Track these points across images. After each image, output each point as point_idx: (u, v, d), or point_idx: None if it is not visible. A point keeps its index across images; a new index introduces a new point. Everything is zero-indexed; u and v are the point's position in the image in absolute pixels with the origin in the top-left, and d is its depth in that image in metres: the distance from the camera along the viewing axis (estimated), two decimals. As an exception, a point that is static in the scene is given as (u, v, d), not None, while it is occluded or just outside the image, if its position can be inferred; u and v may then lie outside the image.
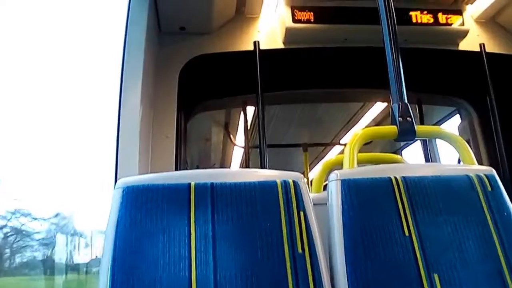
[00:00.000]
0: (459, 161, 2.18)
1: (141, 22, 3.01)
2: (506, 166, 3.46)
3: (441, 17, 3.67)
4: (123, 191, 1.58)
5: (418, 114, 4.07)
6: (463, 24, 3.72)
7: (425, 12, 3.66)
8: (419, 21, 3.64)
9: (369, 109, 5.50)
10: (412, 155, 5.73)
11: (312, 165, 7.44)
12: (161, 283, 1.44)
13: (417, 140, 4.49)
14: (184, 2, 3.33)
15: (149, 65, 3.08)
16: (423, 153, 4.38)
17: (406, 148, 5.88)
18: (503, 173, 3.41)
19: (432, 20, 3.66)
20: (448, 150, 4.22)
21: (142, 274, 1.45)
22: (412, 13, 3.63)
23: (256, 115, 3.96)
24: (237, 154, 6.81)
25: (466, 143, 2.03)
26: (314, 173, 5.73)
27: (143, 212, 1.54)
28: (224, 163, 7.36)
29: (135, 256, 1.48)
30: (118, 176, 2.55)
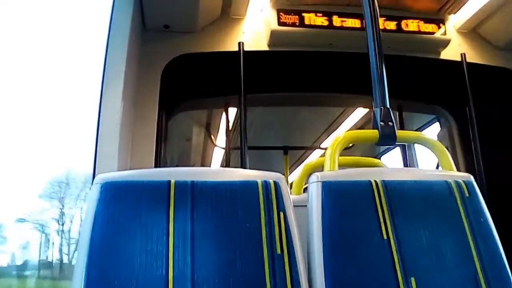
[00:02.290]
0: (437, 167, 2.20)
1: (125, 18, 2.98)
2: (482, 174, 3.52)
3: (424, 26, 3.73)
4: (101, 187, 1.56)
5: (398, 121, 4.12)
6: (445, 33, 3.79)
7: (409, 20, 3.71)
8: (402, 28, 3.69)
9: (350, 115, 5.54)
10: (391, 162, 5.79)
11: (292, 168, 7.46)
12: (137, 281, 1.42)
13: (397, 146, 4.55)
14: (169, 0, 3.31)
15: (132, 61, 3.06)
16: (402, 159, 4.43)
17: (385, 155, 5.94)
18: (480, 180, 3.46)
19: (415, 28, 3.71)
20: (426, 158, 4.28)
21: (118, 271, 1.42)
22: (396, 21, 3.68)
23: (238, 117, 3.96)
24: (218, 156, 6.78)
25: (446, 149, 2.05)
26: (294, 176, 5.75)
27: (121, 209, 1.52)
28: (204, 164, 7.32)
29: (112, 253, 1.46)
30: (96, 172, 2.52)
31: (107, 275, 1.42)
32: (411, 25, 3.71)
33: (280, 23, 3.60)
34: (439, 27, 3.77)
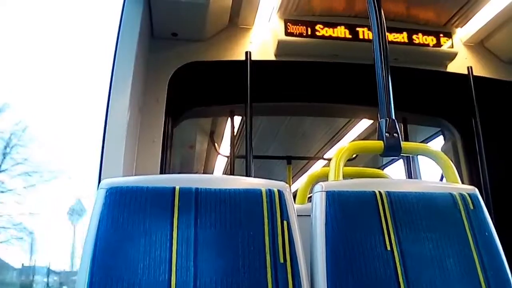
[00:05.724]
0: (441, 179, 2.20)
1: (134, 25, 3.00)
2: (488, 187, 3.51)
3: (431, 39, 3.74)
4: (106, 192, 1.57)
5: (403, 133, 4.11)
6: (452, 46, 3.79)
7: (416, 32, 3.72)
8: (409, 41, 3.70)
9: (354, 126, 5.54)
10: (394, 174, 5.78)
11: (294, 178, 7.44)
12: (140, 286, 1.42)
13: (400, 158, 4.55)
14: (177, 9, 3.33)
15: (139, 68, 3.07)
16: (405, 171, 4.42)
17: (388, 168, 5.94)
18: (485, 193, 3.45)
19: (422, 41, 3.72)
20: (428, 171, 4.28)
21: (121, 276, 1.43)
22: (404, 33, 3.69)
23: (243, 125, 3.96)
24: (220, 164, 6.78)
25: (451, 161, 2.05)
26: (296, 186, 5.74)
27: (126, 214, 1.53)
28: (206, 172, 7.33)
29: (115, 257, 1.46)
30: (102, 177, 2.53)
31: (110, 279, 1.42)
32: (418, 37, 3.72)
33: (287, 33, 3.62)
34: (446, 40, 3.78)
